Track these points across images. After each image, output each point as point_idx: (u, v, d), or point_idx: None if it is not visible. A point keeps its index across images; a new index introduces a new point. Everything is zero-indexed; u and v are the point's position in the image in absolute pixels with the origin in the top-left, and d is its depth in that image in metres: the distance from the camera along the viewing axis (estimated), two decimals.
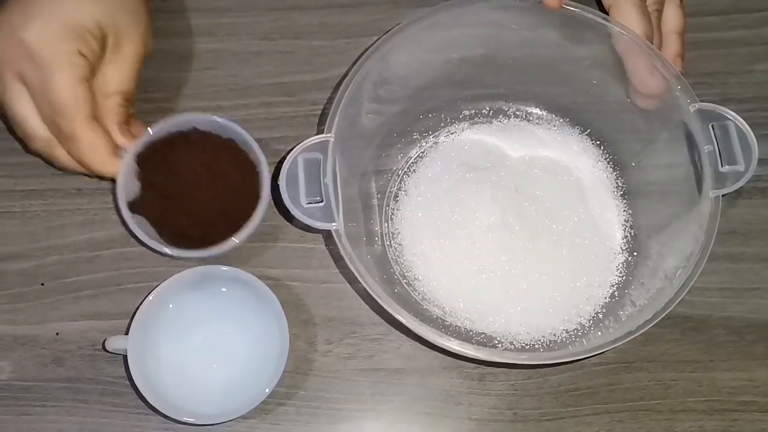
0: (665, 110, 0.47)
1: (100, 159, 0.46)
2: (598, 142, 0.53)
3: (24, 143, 0.48)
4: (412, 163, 0.53)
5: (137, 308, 0.46)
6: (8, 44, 0.45)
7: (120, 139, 0.47)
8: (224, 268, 0.47)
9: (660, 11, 0.50)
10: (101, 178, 0.49)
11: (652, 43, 0.47)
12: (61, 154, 0.47)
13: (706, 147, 0.44)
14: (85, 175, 0.49)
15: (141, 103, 0.54)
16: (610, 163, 0.53)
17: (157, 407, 0.45)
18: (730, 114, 0.44)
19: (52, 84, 0.45)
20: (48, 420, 0.47)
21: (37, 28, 0.45)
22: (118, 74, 0.48)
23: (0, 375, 0.48)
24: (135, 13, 0.49)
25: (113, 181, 0.47)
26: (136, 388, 0.45)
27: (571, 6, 0.47)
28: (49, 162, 0.48)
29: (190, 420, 0.45)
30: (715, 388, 0.48)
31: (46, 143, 0.47)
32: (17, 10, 0.46)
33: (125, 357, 0.45)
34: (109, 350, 0.46)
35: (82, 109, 0.45)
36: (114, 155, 0.47)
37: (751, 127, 0.44)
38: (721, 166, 0.43)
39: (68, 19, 0.45)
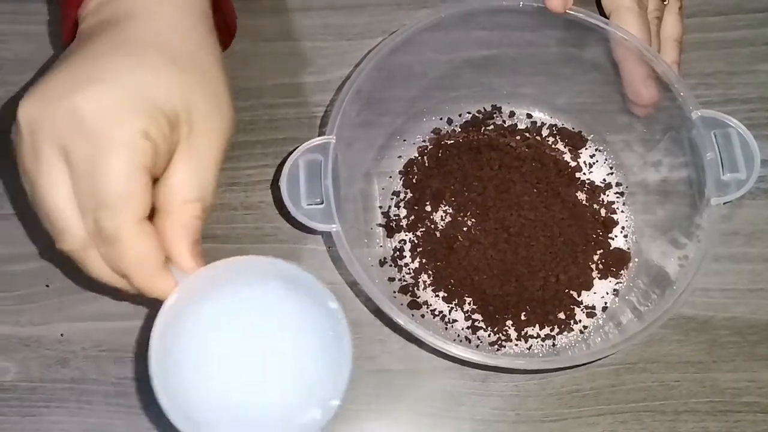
0: (667, 116, 0.48)
1: (145, 273, 0.36)
2: (600, 146, 0.53)
3: (50, 236, 0.37)
4: None
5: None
6: (55, 110, 0.35)
7: (188, 263, 0.37)
8: (283, 263, 0.38)
9: (660, 18, 0.50)
10: (136, 297, 0.38)
11: None
12: (95, 260, 0.36)
13: (707, 155, 0.44)
14: (117, 291, 0.39)
15: None
16: (612, 166, 0.53)
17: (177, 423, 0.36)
18: (733, 121, 0.44)
19: (104, 167, 0.34)
20: (52, 420, 0.47)
21: (95, 94, 0.35)
22: (196, 176, 0.37)
23: (5, 376, 0.48)
24: (218, 96, 0.39)
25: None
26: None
27: (573, 10, 0.47)
28: (80, 267, 0.38)
29: None
30: (718, 389, 0.48)
31: (81, 243, 0.36)
32: (74, 69, 0.36)
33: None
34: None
35: (134, 206, 0.35)
36: (164, 270, 0.36)
37: (753, 128, 0.44)
38: (723, 173, 0.43)
39: (138, 90, 0.35)
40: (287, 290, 0.38)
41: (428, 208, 0.51)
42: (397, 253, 0.51)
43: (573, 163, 0.53)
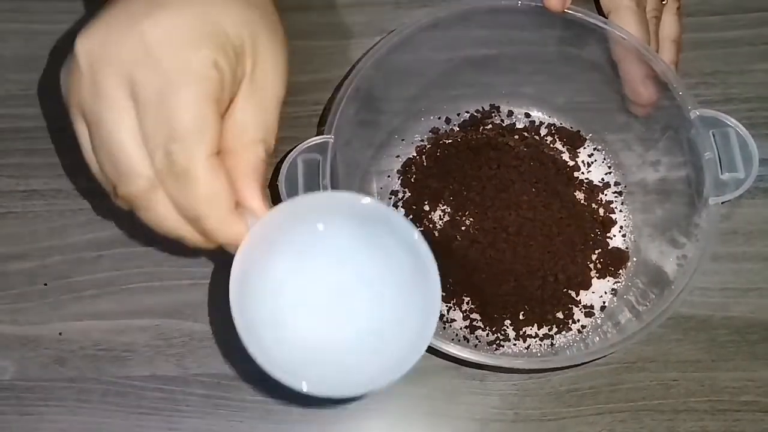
0: (665, 115, 0.48)
1: (218, 213, 0.33)
2: (598, 145, 0.53)
3: (104, 181, 0.35)
4: None
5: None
6: (119, 39, 0.32)
7: (258, 204, 0.34)
8: (356, 196, 0.35)
9: (658, 18, 0.50)
10: (198, 250, 0.36)
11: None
12: (161, 204, 0.34)
13: (706, 154, 0.44)
14: (176, 243, 0.36)
15: None
16: (610, 165, 0.53)
17: (265, 365, 0.35)
18: (731, 121, 0.44)
19: (175, 97, 0.32)
20: (50, 420, 0.47)
21: (162, 20, 0.32)
22: (261, 116, 0.35)
23: (3, 375, 0.48)
24: (279, 35, 0.36)
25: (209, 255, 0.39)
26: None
27: (572, 9, 0.47)
28: (142, 215, 0.35)
29: (315, 390, 0.34)
30: (717, 388, 0.48)
31: (148, 184, 0.33)
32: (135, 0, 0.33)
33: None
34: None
35: (207, 139, 0.32)
36: (235, 214, 0.34)
37: (752, 127, 0.44)
38: (721, 173, 0.43)
39: (206, 16, 0.33)
40: (362, 225, 0.36)
41: (426, 208, 0.51)
42: None
43: (571, 163, 0.53)
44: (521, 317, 0.49)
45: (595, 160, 0.53)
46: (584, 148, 0.53)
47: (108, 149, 0.33)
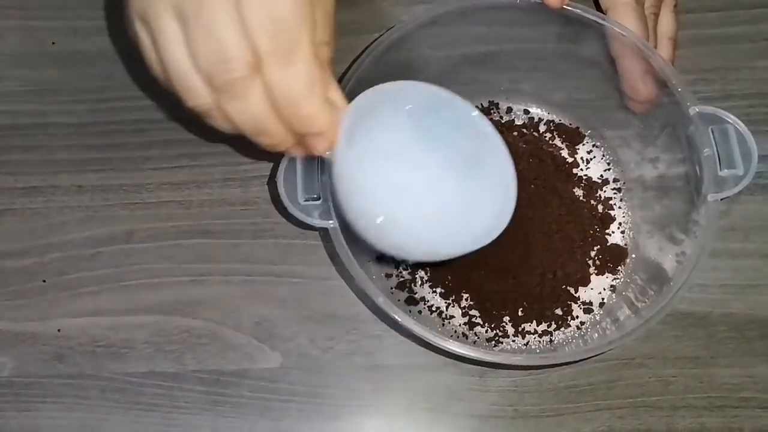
0: (664, 112, 0.47)
1: (316, 99, 0.35)
2: (597, 142, 0.53)
3: (185, 81, 0.35)
4: None
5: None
6: None
7: (338, 96, 0.37)
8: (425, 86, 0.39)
9: (657, 15, 0.50)
10: (268, 149, 0.37)
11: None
12: (257, 90, 0.34)
13: (705, 151, 0.44)
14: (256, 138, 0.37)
15: (141, 100, 0.54)
16: (609, 162, 0.53)
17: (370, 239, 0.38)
18: (730, 118, 0.44)
19: None
20: (49, 416, 0.47)
21: None
22: (326, 20, 0.36)
23: (1, 371, 0.48)
24: None
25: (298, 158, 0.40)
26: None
27: (570, 6, 0.47)
28: (233, 105, 0.35)
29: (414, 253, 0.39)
30: (716, 384, 0.48)
31: (248, 68, 0.34)
32: None
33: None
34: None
35: (309, 27, 0.34)
36: (328, 103, 0.36)
37: (751, 124, 0.44)
38: (720, 170, 0.43)
39: None
40: (429, 116, 0.40)
41: None
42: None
43: (570, 159, 0.53)
44: (520, 314, 0.49)
45: (594, 157, 0.53)
46: (583, 144, 0.53)
47: (207, 38, 0.33)
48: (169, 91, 0.36)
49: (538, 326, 0.49)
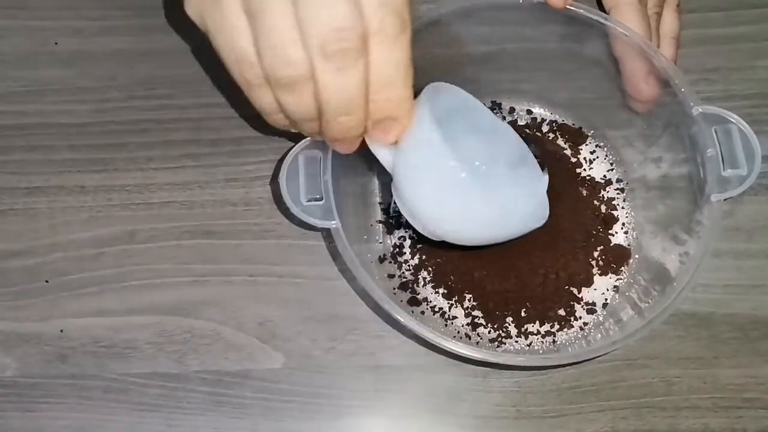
0: (667, 112, 0.47)
1: (410, 84, 0.36)
2: (600, 142, 0.53)
3: (251, 75, 0.35)
4: None
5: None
6: None
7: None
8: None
9: (660, 14, 0.50)
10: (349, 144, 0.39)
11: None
12: (363, 64, 0.34)
13: (708, 151, 0.44)
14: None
15: (144, 100, 0.54)
16: (612, 162, 0.53)
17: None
18: (734, 117, 0.44)
19: None
20: (52, 416, 0.47)
21: None
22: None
23: (4, 372, 0.48)
24: None
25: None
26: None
27: (573, 6, 0.47)
28: (291, 99, 0.35)
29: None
30: (720, 385, 0.48)
31: (361, 38, 0.33)
32: None
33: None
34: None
35: (409, 10, 0.35)
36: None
37: (754, 124, 0.44)
38: (724, 170, 0.43)
39: None
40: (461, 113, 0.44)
41: None
42: (397, 249, 0.50)
43: (573, 159, 0.53)
44: (523, 314, 0.48)
45: (597, 157, 0.53)
46: (586, 144, 0.53)
47: (321, 5, 0.33)
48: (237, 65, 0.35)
49: (541, 327, 0.49)
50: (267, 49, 0.34)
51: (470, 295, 0.49)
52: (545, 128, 0.53)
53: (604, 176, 0.52)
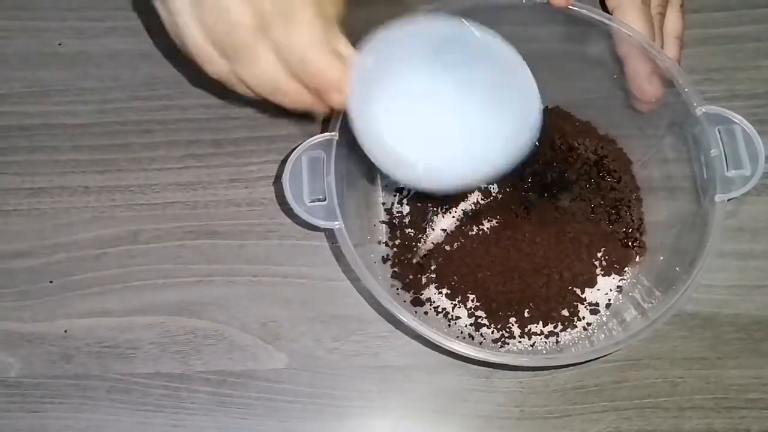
0: (671, 112, 0.47)
1: (324, 53, 0.38)
2: (603, 141, 0.53)
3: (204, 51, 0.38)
4: None
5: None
6: None
7: (347, 49, 0.39)
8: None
9: (663, 14, 0.50)
10: (296, 111, 0.40)
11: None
12: (267, 51, 0.37)
13: (712, 151, 0.44)
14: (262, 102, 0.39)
15: (147, 101, 0.54)
16: (615, 161, 0.52)
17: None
18: (737, 118, 0.44)
19: None
20: (55, 417, 0.48)
21: None
22: None
23: (9, 372, 0.48)
24: None
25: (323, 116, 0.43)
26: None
27: (576, 6, 0.47)
28: (247, 71, 0.38)
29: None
30: (723, 385, 0.48)
31: (253, 32, 0.36)
32: None
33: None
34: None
35: None
36: (338, 58, 0.38)
37: (758, 124, 0.44)
38: (727, 170, 0.43)
39: None
40: (450, 43, 0.41)
41: (431, 205, 0.51)
42: (400, 249, 0.50)
43: (586, 157, 0.52)
44: (526, 315, 0.48)
45: (600, 157, 0.53)
46: (589, 142, 0.53)
47: (214, 9, 0.36)
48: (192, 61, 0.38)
49: (544, 327, 0.49)
50: (192, 54, 0.38)
51: (473, 296, 0.49)
52: None
53: (607, 176, 0.52)
